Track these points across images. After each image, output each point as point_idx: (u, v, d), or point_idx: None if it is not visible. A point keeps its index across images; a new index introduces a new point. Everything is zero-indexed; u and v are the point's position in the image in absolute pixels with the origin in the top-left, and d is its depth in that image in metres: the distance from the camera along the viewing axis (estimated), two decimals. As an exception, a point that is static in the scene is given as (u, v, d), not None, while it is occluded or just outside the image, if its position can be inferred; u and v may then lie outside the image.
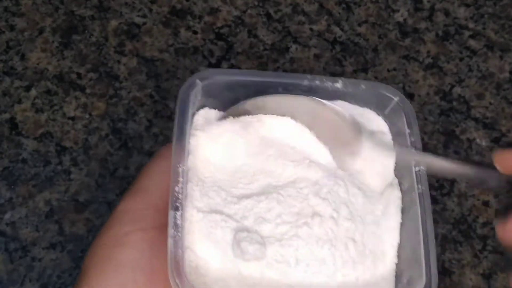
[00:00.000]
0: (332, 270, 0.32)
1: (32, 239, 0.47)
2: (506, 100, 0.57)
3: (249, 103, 0.36)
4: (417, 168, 0.35)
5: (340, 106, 0.37)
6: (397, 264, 0.34)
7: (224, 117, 0.36)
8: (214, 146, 0.35)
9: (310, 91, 0.37)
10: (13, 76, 0.54)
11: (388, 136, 0.37)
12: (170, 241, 0.30)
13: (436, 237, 0.49)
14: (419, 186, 0.34)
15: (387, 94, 0.37)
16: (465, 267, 0.49)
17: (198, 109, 0.37)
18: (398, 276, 0.34)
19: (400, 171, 0.36)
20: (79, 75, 0.55)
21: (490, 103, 0.56)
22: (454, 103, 0.56)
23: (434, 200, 0.51)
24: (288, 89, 0.37)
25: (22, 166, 0.50)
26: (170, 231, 0.30)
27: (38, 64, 0.55)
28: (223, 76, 0.36)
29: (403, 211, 0.35)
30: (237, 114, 0.36)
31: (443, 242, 0.49)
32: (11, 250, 0.47)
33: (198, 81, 0.35)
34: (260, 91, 0.36)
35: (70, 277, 0.46)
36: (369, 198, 0.35)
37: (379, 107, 0.38)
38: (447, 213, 0.51)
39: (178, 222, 0.30)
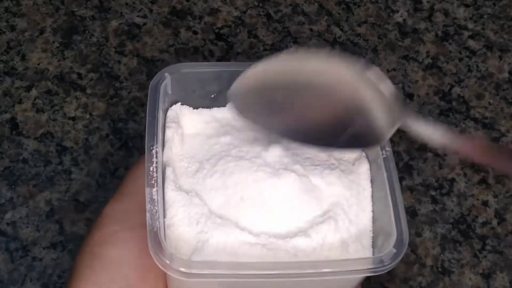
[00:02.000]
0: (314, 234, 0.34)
1: (32, 239, 0.47)
2: (506, 100, 0.57)
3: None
4: None
5: None
6: (372, 231, 0.35)
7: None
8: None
9: None
10: (13, 76, 0.54)
11: None
12: (147, 215, 0.31)
13: (435, 237, 0.50)
14: (383, 152, 0.35)
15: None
16: (464, 267, 0.49)
17: (171, 105, 0.38)
18: (374, 241, 0.35)
19: None
20: (79, 75, 0.55)
21: (490, 103, 0.57)
22: (454, 103, 0.56)
23: (433, 200, 0.51)
24: None
25: (23, 166, 0.50)
26: (147, 206, 0.31)
27: (38, 64, 0.55)
28: (191, 69, 0.38)
29: (372, 180, 0.36)
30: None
31: (443, 242, 0.50)
32: (11, 249, 0.47)
33: (167, 74, 0.37)
34: (228, 81, 0.37)
35: (71, 277, 0.46)
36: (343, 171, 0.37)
37: None
38: (447, 213, 0.51)
39: (154, 197, 0.32)
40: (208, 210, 0.34)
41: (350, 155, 0.37)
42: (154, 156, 0.34)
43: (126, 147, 0.52)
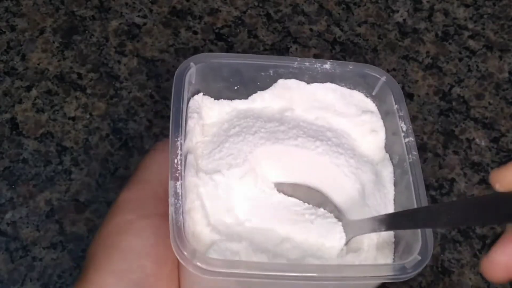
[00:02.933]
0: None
1: (32, 239, 0.47)
2: (506, 100, 0.57)
3: None
4: (406, 140, 0.35)
5: (330, 88, 0.38)
6: (394, 234, 0.35)
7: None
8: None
9: (300, 73, 0.38)
10: (14, 76, 0.54)
11: (378, 116, 0.38)
12: (171, 209, 0.30)
13: (435, 237, 0.49)
14: (409, 156, 0.35)
15: (374, 74, 0.38)
16: (464, 267, 0.49)
17: (193, 95, 0.38)
18: (395, 245, 0.34)
19: (389, 145, 0.37)
20: (79, 75, 0.55)
21: (489, 103, 0.57)
22: (454, 103, 0.56)
23: (433, 200, 0.51)
24: (279, 71, 0.38)
25: (23, 166, 0.50)
26: (171, 199, 0.31)
27: (38, 64, 0.55)
28: (216, 59, 0.37)
29: (395, 183, 0.36)
30: None
31: (443, 242, 0.50)
32: (12, 249, 0.47)
33: (192, 63, 0.36)
34: (252, 74, 0.37)
35: (71, 277, 0.46)
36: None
37: (367, 88, 0.39)
38: (447, 212, 0.51)
39: (179, 191, 0.31)
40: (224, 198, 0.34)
41: (373, 156, 0.37)
42: (179, 148, 0.33)
43: (126, 147, 0.52)
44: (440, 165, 0.53)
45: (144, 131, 0.52)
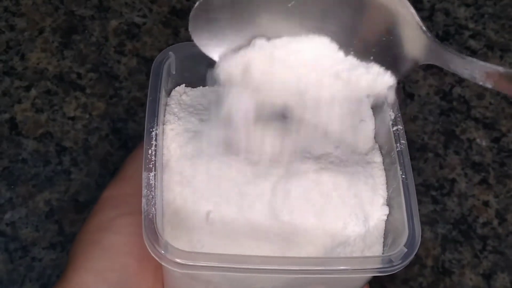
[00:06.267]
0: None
1: (32, 239, 0.47)
2: (506, 100, 0.57)
3: None
4: (394, 128, 0.34)
5: None
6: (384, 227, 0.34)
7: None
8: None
9: None
10: (13, 76, 0.54)
11: (367, 104, 0.37)
12: (143, 201, 0.30)
13: (436, 237, 0.49)
14: (397, 144, 0.34)
15: None
16: (465, 267, 0.49)
17: (175, 86, 0.37)
18: (383, 239, 0.34)
19: (379, 136, 0.37)
20: (79, 75, 0.55)
21: (490, 103, 0.56)
22: (454, 103, 0.56)
23: (434, 200, 0.51)
24: None
25: (22, 166, 0.50)
26: (144, 191, 0.30)
27: (38, 64, 0.55)
28: (197, 48, 0.36)
29: (385, 174, 0.35)
30: None
31: (443, 242, 0.49)
32: (11, 250, 0.47)
33: (171, 53, 0.35)
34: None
35: (70, 277, 0.46)
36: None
37: None
38: (447, 213, 0.51)
39: (152, 182, 0.30)
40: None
41: (362, 146, 0.37)
42: (154, 138, 0.32)
43: (126, 147, 0.52)
44: (441, 165, 0.53)
45: (143, 131, 0.52)
